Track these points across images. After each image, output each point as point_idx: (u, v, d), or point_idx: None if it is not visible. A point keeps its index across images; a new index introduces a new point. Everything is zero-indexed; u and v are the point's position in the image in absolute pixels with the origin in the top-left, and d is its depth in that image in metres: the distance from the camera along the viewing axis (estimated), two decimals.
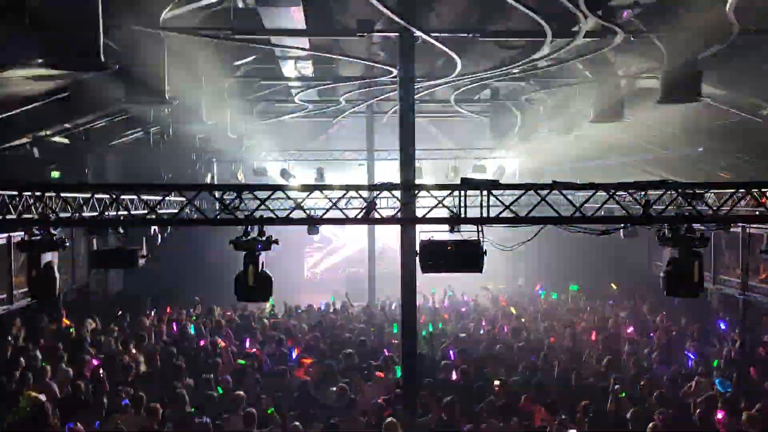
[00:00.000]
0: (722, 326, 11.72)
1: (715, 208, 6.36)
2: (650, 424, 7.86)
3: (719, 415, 8.07)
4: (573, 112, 12.93)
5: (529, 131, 14.58)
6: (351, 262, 24.15)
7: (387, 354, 11.29)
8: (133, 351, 11.34)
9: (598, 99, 10.95)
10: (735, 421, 8.17)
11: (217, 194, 6.27)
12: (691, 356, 11.12)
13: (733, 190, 6.47)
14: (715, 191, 7.75)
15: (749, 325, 12.28)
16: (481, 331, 13.56)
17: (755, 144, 12.46)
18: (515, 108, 14.65)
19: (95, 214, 6.50)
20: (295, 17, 8.84)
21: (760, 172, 12.68)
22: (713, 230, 8.14)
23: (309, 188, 6.39)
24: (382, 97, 14.16)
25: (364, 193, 6.63)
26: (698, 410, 8.58)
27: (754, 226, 10.12)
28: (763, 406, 8.20)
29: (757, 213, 6.98)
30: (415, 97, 11.47)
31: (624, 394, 9.14)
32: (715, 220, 6.34)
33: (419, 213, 7.11)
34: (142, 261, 6.58)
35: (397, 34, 9.26)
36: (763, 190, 6.78)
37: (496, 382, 9.49)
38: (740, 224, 10.92)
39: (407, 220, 6.80)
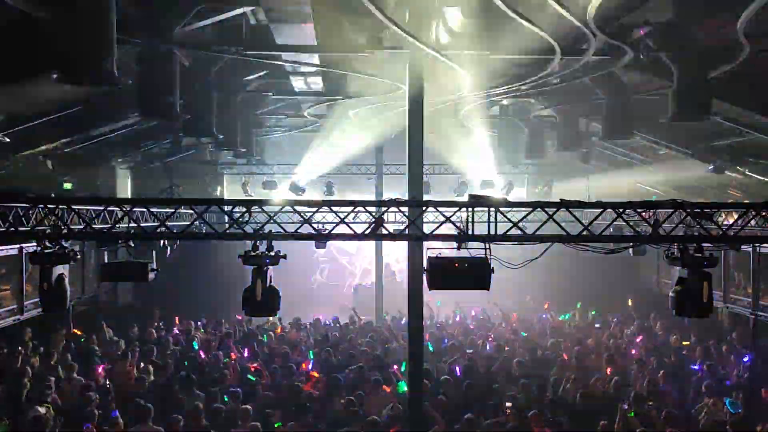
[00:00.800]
0: (746, 359, 11.49)
1: (724, 228, 6.33)
2: None
3: None
4: (582, 129, 12.95)
5: (537, 148, 14.58)
6: (359, 274, 24.15)
7: (394, 369, 11.27)
8: (141, 364, 11.39)
9: (608, 116, 10.94)
10: None
11: (226, 209, 6.32)
12: (697, 369, 10.98)
13: (743, 210, 6.45)
14: (725, 210, 7.75)
15: (760, 344, 12.18)
16: (488, 347, 13.48)
17: (765, 163, 12.43)
18: (522, 124, 14.68)
19: (107, 226, 6.56)
20: (306, 33, 8.93)
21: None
22: (723, 249, 8.12)
23: (317, 204, 6.42)
24: (392, 112, 14.21)
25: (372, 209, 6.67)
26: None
27: (765, 245, 10.05)
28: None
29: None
30: (426, 113, 11.56)
31: (633, 414, 9.06)
32: (724, 240, 6.30)
33: (427, 229, 7.14)
34: (152, 275, 6.62)
35: (406, 50, 9.31)
36: None
37: (508, 404, 9.39)
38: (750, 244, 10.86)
39: (414, 236, 6.81)
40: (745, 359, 11.46)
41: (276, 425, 8.83)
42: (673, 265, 6.23)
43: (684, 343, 13.09)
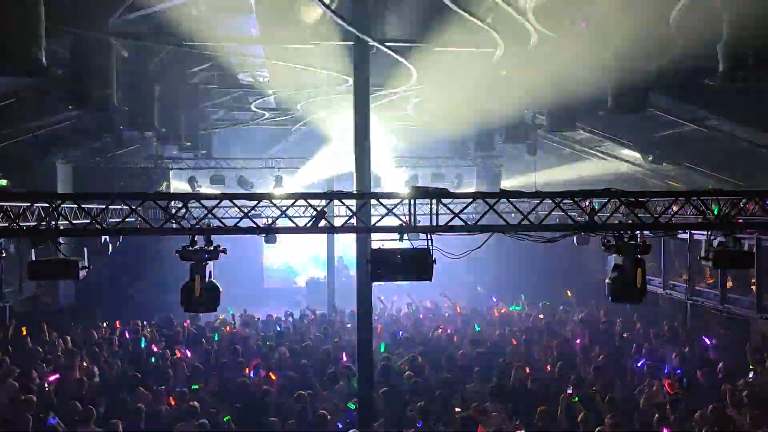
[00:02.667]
0: (707, 341, 11.79)
1: (656, 215, 6.52)
2: (597, 429, 8.00)
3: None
4: (527, 120, 13.15)
5: (485, 141, 14.76)
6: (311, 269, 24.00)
7: (344, 362, 11.26)
8: (85, 364, 11.07)
9: (552, 108, 11.15)
10: (682, 423, 8.37)
11: (162, 203, 6.17)
12: (642, 362, 11.32)
13: (673, 198, 6.66)
14: (660, 199, 7.99)
15: (696, 328, 12.66)
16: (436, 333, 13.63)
17: (702, 152, 12.86)
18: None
19: (34, 224, 6.32)
20: (250, 25, 8.82)
21: (708, 182, 13.09)
22: (658, 237, 8.37)
23: (257, 197, 6.32)
24: (342, 104, 14.15)
25: (316, 202, 6.61)
26: (646, 414, 8.77)
27: (699, 233, 10.41)
28: (713, 407, 8.42)
29: (699, 221, 7.18)
30: (373, 105, 11.54)
31: (576, 399, 9.27)
32: (656, 227, 6.49)
33: (373, 222, 7.13)
34: (83, 272, 6.40)
35: (351, 43, 9.28)
36: (702, 198, 7.00)
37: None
38: (687, 231, 11.23)
39: (356, 229, 6.80)
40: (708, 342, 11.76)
41: (225, 419, 8.70)
42: (609, 252, 6.39)
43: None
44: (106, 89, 8.00)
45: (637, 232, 6.44)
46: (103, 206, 6.43)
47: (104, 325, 14.10)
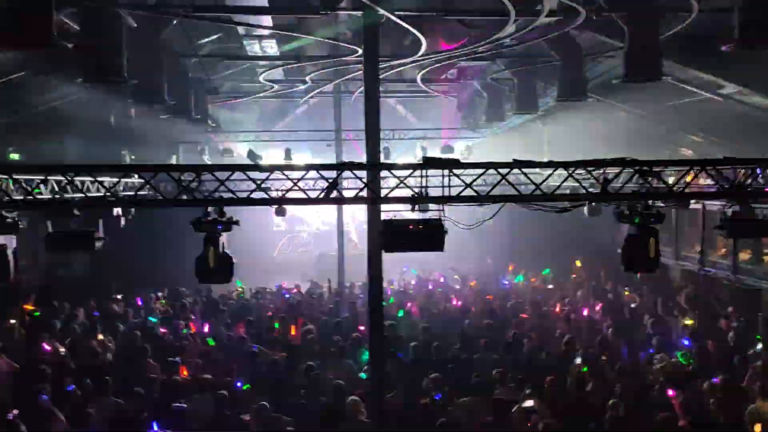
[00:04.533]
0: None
1: (671, 184, 6.48)
2: (610, 401, 8.04)
3: (670, 392, 8.24)
4: (539, 91, 13.02)
5: (496, 110, 14.63)
6: (321, 242, 24.03)
7: (359, 333, 11.33)
8: (100, 336, 11.23)
9: (563, 78, 11.01)
10: (692, 393, 8.40)
11: (176, 175, 6.18)
12: (652, 334, 11.31)
13: (688, 168, 6.60)
14: (674, 168, 7.92)
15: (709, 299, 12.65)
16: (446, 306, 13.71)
17: (716, 122, 12.70)
18: (481, 88, 14.68)
19: (49, 197, 6.36)
20: None
21: (722, 150, 12.93)
22: (671, 207, 8.32)
23: (269, 168, 6.33)
24: (350, 76, 14.05)
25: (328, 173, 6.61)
26: (657, 384, 8.81)
27: (712, 203, 10.34)
28: (723, 378, 8.45)
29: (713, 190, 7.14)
30: (383, 76, 11.44)
31: (585, 369, 9.32)
32: (670, 196, 6.45)
33: (383, 193, 7.12)
34: (99, 244, 6.46)
35: (360, 12, 9.16)
36: (718, 168, 6.94)
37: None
38: (701, 202, 11.17)
39: (368, 199, 6.80)
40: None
41: (244, 387, 8.82)
42: (622, 222, 6.37)
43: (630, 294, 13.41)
44: (116, 61, 7.96)
45: (650, 201, 6.42)
46: (116, 179, 6.45)
47: (118, 297, 14.24)
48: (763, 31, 6.96)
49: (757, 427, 6.95)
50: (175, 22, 9.51)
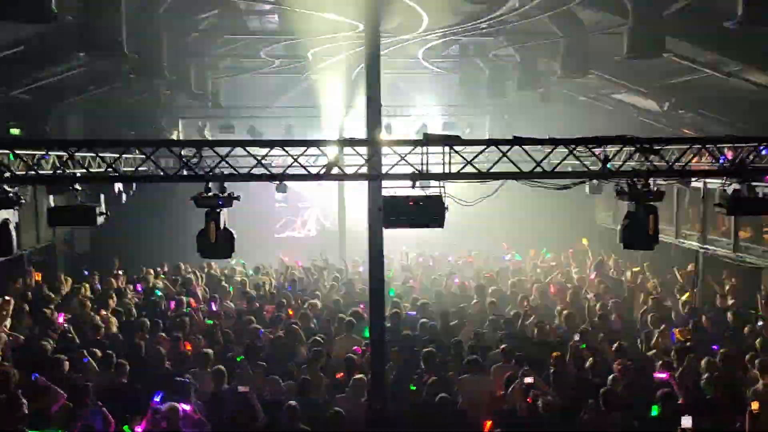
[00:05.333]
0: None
1: (670, 162, 6.48)
2: (610, 376, 8.12)
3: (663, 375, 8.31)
4: (541, 68, 12.94)
5: (497, 87, 14.56)
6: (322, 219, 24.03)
7: (362, 308, 11.40)
8: (102, 311, 11.32)
9: (565, 54, 10.94)
10: (688, 369, 8.47)
11: (176, 151, 6.19)
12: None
13: (688, 146, 6.59)
14: (675, 147, 7.91)
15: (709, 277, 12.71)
16: (453, 288, 13.75)
17: (718, 101, 12.63)
18: (483, 64, 14.59)
19: (51, 173, 6.37)
20: None
21: (723, 129, 12.89)
22: (671, 185, 8.32)
23: (271, 144, 6.33)
24: (351, 52, 13.94)
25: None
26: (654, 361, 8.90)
27: (713, 181, 10.33)
28: (723, 354, 8.53)
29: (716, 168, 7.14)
30: (384, 52, 11.36)
31: (584, 346, 9.40)
32: (670, 173, 6.46)
33: (385, 170, 7.12)
34: (101, 219, 6.49)
35: None
36: (719, 145, 6.94)
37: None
38: (701, 180, 11.17)
39: (369, 176, 6.80)
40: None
41: (237, 359, 8.90)
42: (622, 199, 6.38)
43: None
44: (115, 36, 7.91)
45: (651, 180, 6.42)
46: (117, 155, 6.46)
47: (120, 272, 14.32)
48: (767, 8, 6.91)
49: (755, 405, 7.02)
50: None
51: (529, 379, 7.99)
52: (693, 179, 10.23)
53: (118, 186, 10.25)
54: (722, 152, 6.85)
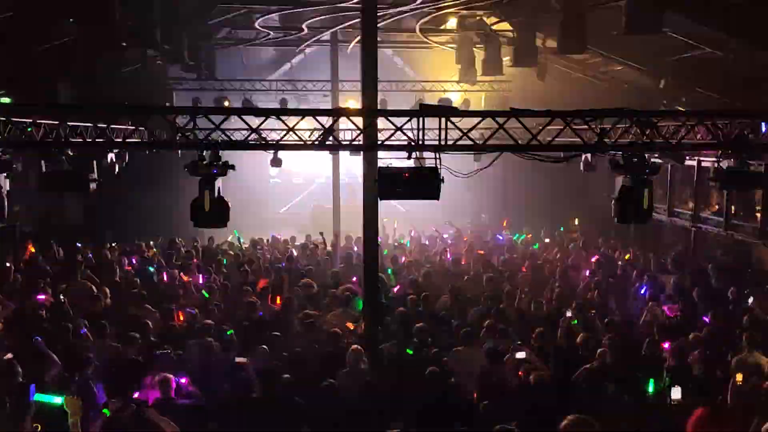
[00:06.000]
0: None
1: (667, 136, 6.47)
2: (599, 350, 8.18)
3: (665, 345, 8.39)
4: (537, 44, 12.84)
5: (493, 63, 14.46)
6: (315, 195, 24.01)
7: (354, 282, 11.42)
8: (92, 281, 11.29)
9: (562, 29, 10.85)
10: (679, 344, 8.56)
11: (170, 118, 6.12)
12: (643, 288, 11.47)
13: (684, 121, 6.58)
14: (671, 123, 7.90)
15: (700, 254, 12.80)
16: (446, 264, 13.78)
17: (716, 79, 12.58)
18: (480, 39, 14.47)
19: (37, 141, 6.27)
20: None
21: (720, 106, 12.86)
22: (665, 162, 8.31)
23: (266, 113, 6.27)
24: (346, 25, 13.81)
25: (324, 122, 6.56)
26: (645, 336, 8.97)
27: (706, 159, 10.36)
28: (709, 331, 8.63)
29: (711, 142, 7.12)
30: (381, 25, 11.25)
31: (576, 322, 9.46)
32: (667, 147, 6.45)
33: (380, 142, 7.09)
34: (93, 185, 6.42)
35: None
36: (716, 121, 6.93)
37: None
38: (695, 158, 11.18)
39: (363, 146, 6.77)
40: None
41: (228, 333, 8.91)
42: (617, 172, 6.37)
43: (626, 257, 13.59)
44: (107, 3, 7.78)
45: (646, 154, 6.41)
46: (108, 124, 6.38)
47: (113, 245, 14.27)
48: None
49: (739, 376, 7.10)
50: None
51: (521, 354, 8.03)
52: (686, 157, 10.24)
53: (111, 156, 10.16)
54: (718, 128, 6.83)
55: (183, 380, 7.51)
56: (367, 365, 8.21)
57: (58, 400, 5.69)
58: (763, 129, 7.22)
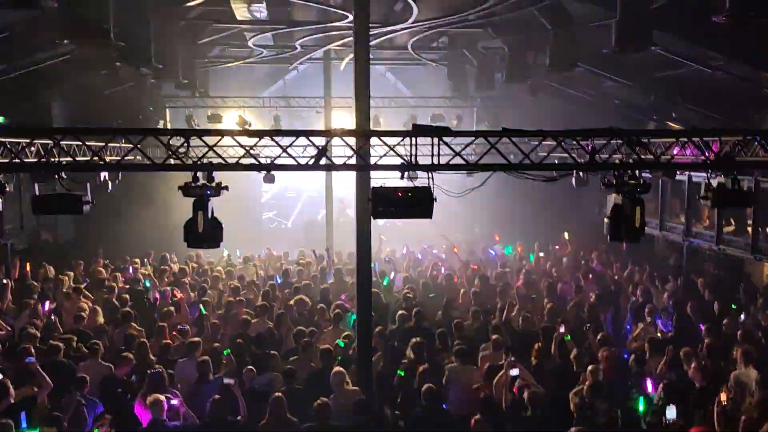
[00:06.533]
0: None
1: (657, 154, 6.54)
2: (590, 366, 8.20)
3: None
4: (529, 61, 12.96)
5: (486, 80, 14.58)
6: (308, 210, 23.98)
7: (343, 299, 11.42)
8: (87, 301, 11.24)
9: (553, 47, 10.97)
10: (671, 360, 8.58)
11: (164, 139, 6.14)
12: (633, 303, 11.50)
13: (674, 139, 6.65)
14: (661, 140, 7.98)
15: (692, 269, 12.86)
16: (439, 279, 13.77)
17: (705, 95, 12.74)
18: (472, 56, 14.59)
19: (36, 160, 6.29)
20: None
21: (708, 123, 13.02)
22: (657, 178, 8.39)
23: (259, 134, 6.30)
24: (339, 43, 13.91)
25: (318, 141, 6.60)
26: (638, 350, 8.99)
27: (697, 174, 10.45)
28: (706, 344, 8.66)
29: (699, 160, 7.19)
30: (373, 43, 11.34)
31: (569, 338, 9.48)
32: (657, 166, 6.51)
33: (373, 162, 7.12)
34: (87, 207, 6.42)
35: None
36: (705, 138, 7.00)
37: None
38: (685, 173, 11.27)
39: (359, 166, 6.80)
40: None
41: (225, 352, 8.89)
42: (609, 191, 6.42)
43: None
44: (102, 22, 7.80)
45: (637, 172, 6.47)
46: (103, 144, 6.40)
47: (105, 262, 14.21)
48: (755, 3, 6.96)
49: (723, 396, 7.12)
50: None
51: (514, 371, 8.03)
52: (677, 172, 10.35)
53: (104, 175, 10.17)
54: (708, 145, 6.91)
55: (175, 402, 7.49)
56: (354, 385, 8.21)
57: None
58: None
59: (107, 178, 10.31)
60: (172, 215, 15.08)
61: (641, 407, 7.16)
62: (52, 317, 10.27)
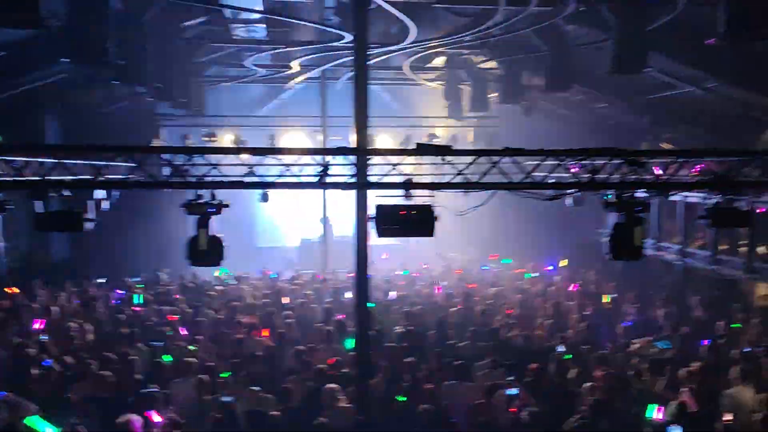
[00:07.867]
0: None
1: (657, 174, 6.60)
2: (587, 384, 8.17)
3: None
4: (524, 81, 13.10)
5: (480, 100, 14.70)
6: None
7: (337, 318, 11.36)
8: (79, 321, 11.11)
9: (549, 68, 11.10)
10: (671, 380, 8.57)
11: (166, 157, 6.14)
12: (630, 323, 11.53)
13: (674, 158, 6.72)
14: (660, 160, 8.07)
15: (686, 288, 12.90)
16: (435, 299, 13.75)
17: (698, 116, 12.90)
18: (468, 77, 14.72)
19: (38, 178, 6.25)
20: None
21: (703, 144, 13.16)
22: (653, 198, 8.42)
23: (262, 151, 6.31)
24: (337, 62, 14.00)
25: (318, 159, 6.60)
26: (636, 369, 8.98)
27: (693, 195, 10.54)
28: (703, 363, 8.66)
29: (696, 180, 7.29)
30: (370, 63, 11.41)
31: (569, 357, 9.46)
32: (657, 186, 6.57)
33: (373, 180, 7.14)
34: (88, 225, 6.39)
35: None
36: (701, 159, 7.09)
37: None
38: (681, 194, 11.36)
39: (361, 185, 6.82)
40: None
41: (224, 375, 8.80)
42: (609, 210, 6.47)
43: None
44: (102, 43, 7.84)
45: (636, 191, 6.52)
46: (105, 163, 6.38)
47: (100, 281, 14.09)
48: (748, 25, 7.09)
49: (728, 416, 7.12)
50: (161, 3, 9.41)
51: (513, 391, 7.99)
52: (672, 192, 10.44)
53: (100, 193, 10.10)
54: (705, 165, 7.00)
55: (158, 419, 7.26)
56: (351, 404, 8.14)
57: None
58: None
59: (102, 197, 10.25)
60: (166, 232, 15.07)
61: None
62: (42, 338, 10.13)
